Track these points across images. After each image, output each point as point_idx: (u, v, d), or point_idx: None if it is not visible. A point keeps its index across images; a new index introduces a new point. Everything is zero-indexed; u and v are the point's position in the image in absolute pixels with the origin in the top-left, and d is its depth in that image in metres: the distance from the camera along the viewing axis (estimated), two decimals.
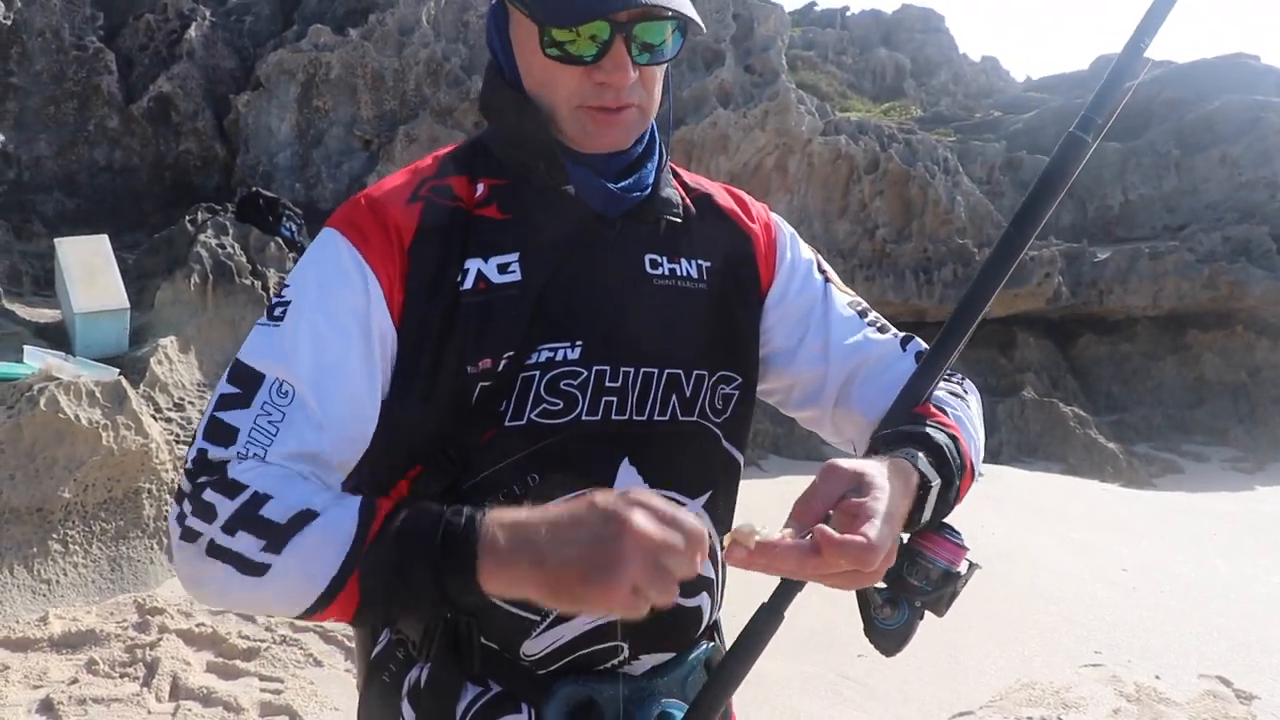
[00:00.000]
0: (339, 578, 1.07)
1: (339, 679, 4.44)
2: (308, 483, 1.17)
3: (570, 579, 0.98)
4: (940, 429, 1.28)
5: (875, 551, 1.03)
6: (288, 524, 1.09)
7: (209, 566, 1.12)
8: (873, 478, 1.11)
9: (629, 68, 1.26)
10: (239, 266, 7.01)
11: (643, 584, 0.96)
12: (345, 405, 1.23)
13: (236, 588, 1.11)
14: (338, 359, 1.23)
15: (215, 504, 1.12)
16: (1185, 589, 6.84)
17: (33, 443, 4.83)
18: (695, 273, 1.40)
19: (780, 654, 4.90)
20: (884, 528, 1.05)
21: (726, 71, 11.49)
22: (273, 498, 1.11)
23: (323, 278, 1.27)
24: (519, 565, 1.01)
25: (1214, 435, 13.85)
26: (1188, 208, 15.79)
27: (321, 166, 9.69)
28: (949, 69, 22.97)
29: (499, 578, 1.03)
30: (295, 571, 1.08)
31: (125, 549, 5.19)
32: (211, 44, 9.73)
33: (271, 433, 1.18)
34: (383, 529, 1.08)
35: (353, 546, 1.07)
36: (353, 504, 1.11)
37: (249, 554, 1.09)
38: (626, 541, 0.96)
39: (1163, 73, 17.93)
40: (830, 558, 1.03)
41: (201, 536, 1.12)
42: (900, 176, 12.99)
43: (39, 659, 4.33)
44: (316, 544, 1.08)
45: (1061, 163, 1.35)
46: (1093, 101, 1.35)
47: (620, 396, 1.32)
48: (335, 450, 1.23)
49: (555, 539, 1.00)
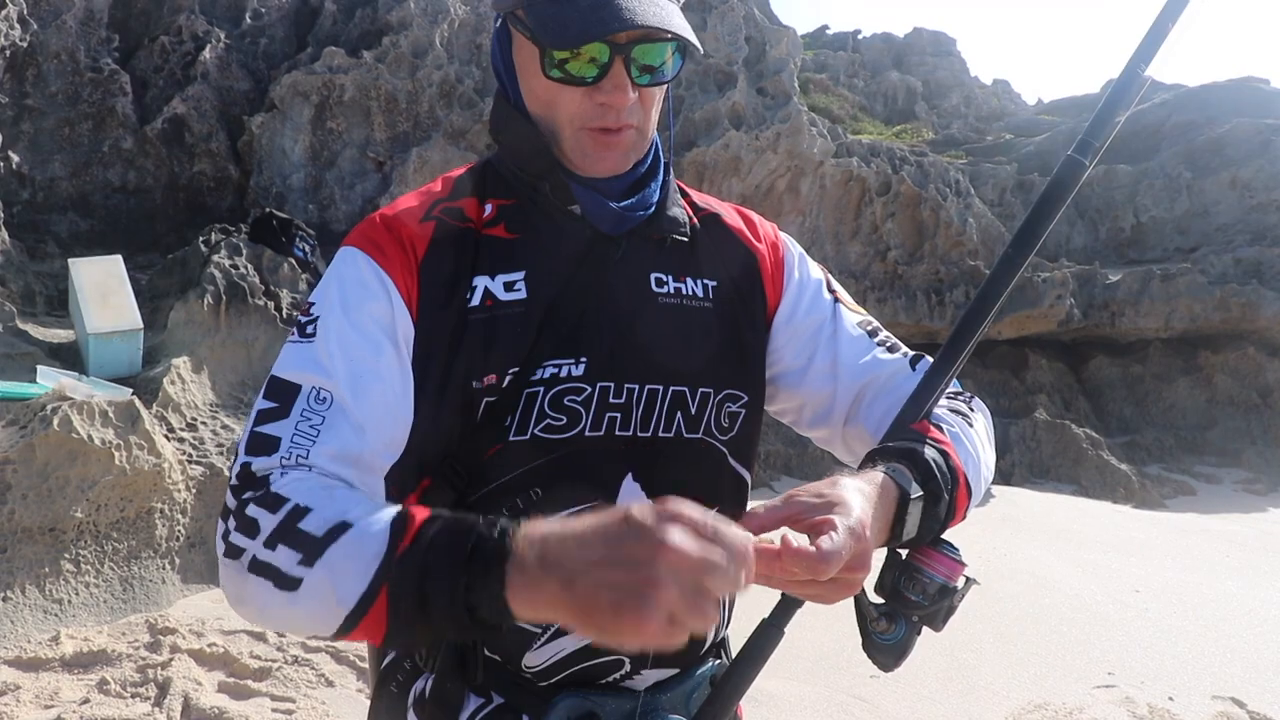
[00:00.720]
0: (369, 592, 1.03)
1: (350, 699, 4.44)
2: (350, 492, 1.16)
3: (601, 608, 0.90)
4: (932, 444, 1.29)
5: (826, 561, 1.03)
6: (324, 536, 1.07)
7: (250, 584, 1.11)
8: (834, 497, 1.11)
9: (628, 88, 1.29)
10: (252, 287, 7.05)
11: (680, 611, 0.88)
12: (381, 408, 1.25)
13: (274, 605, 1.09)
14: (369, 365, 1.25)
15: (258, 519, 1.12)
16: (1198, 610, 6.80)
17: (45, 462, 4.85)
18: (701, 291, 1.42)
19: (791, 675, 4.90)
20: (842, 539, 1.05)
21: (739, 93, 11.53)
22: (312, 510, 1.10)
23: (346, 291, 1.30)
24: (547, 587, 0.94)
25: (1226, 457, 13.78)
26: (1199, 230, 15.76)
27: (335, 188, 9.74)
28: (960, 92, 23.02)
29: (527, 599, 0.96)
30: (326, 587, 1.05)
31: (137, 569, 5.20)
32: (226, 66, 9.81)
33: (313, 436, 1.20)
34: (414, 541, 1.03)
35: (383, 559, 1.03)
36: (387, 514, 1.07)
37: (285, 568, 1.07)
38: (662, 564, 0.88)
39: (1173, 96, 17.94)
40: (788, 562, 1.03)
41: (245, 553, 1.11)
42: (912, 198, 13.00)
43: (50, 679, 4.34)
44: (348, 556, 1.05)
45: (1059, 185, 1.37)
46: (1090, 125, 1.37)
47: (624, 413, 1.34)
48: (375, 453, 1.24)
49: (586, 558, 0.92)
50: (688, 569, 0.89)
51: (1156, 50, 1.36)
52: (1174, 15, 1.36)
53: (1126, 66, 1.37)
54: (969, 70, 24.11)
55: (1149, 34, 1.37)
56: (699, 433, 1.39)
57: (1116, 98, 1.36)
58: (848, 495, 1.12)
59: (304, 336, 1.28)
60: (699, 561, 0.89)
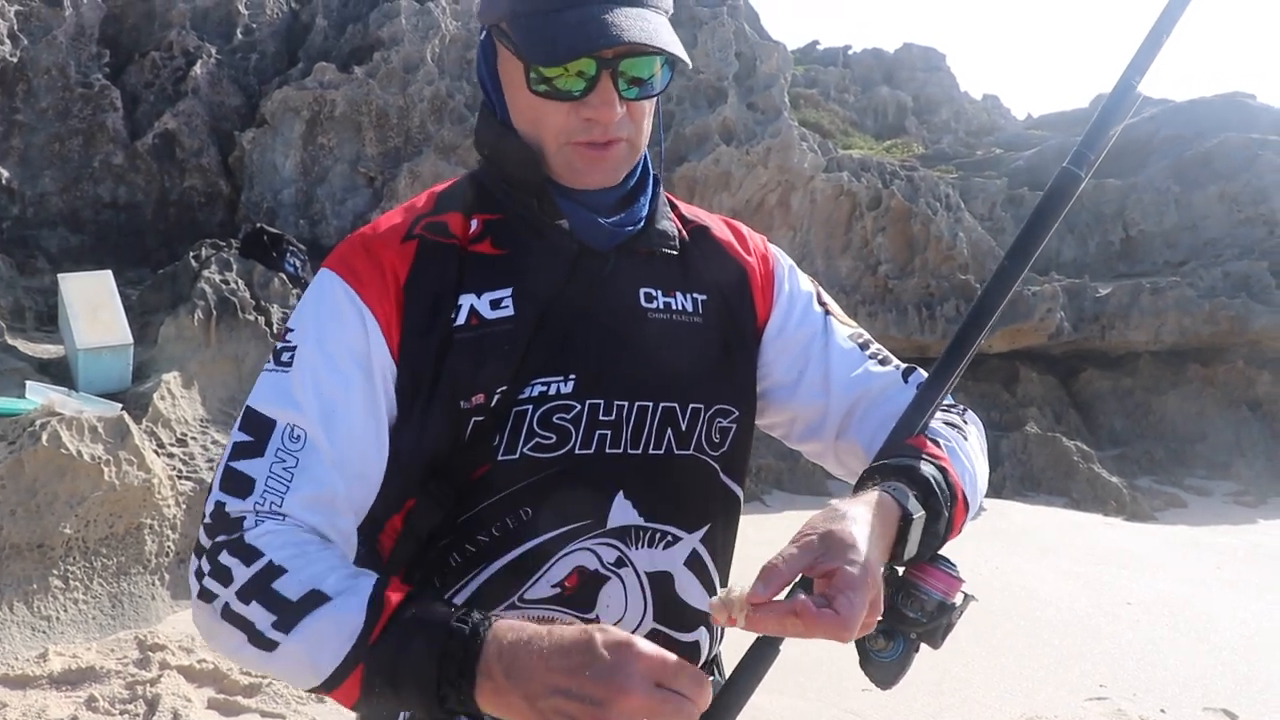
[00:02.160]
0: (341, 670, 1.08)
1: (340, 715, 4.42)
2: (323, 552, 1.18)
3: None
4: (930, 461, 1.27)
5: (849, 626, 1.04)
6: (298, 603, 1.11)
7: (223, 629, 1.14)
8: (840, 533, 1.10)
9: (615, 103, 1.27)
10: (243, 302, 7.03)
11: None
12: (353, 445, 1.25)
13: (248, 655, 1.13)
14: (342, 401, 1.24)
15: (231, 568, 1.14)
16: (1189, 622, 6.80)
17: (34, 478, 4.83)
18: (691, 306, 1.41)
19: (784, 689, 4.88)
20: (859, 596, 1.05)
21: (729, 109, 11.57)
22: (287, 571, 1.13)
23: (320, 321, 1.29)
24: (512, 699, 1.02)
25: (1216, 469, 13.80)
26: (1188, 244, 15.82)
27: (326, 203, 9.74)
28: (950, 107, 23.09)
29: (493, 704, 1.03)
30: (301, 656, 1.10)
31: (126, 585, 5.17)
32: (216, 81, 9.81)
33: (286, 479, 1.20)
34: (387, 628, 1.08)
35: (357, 641, 1.08)
36: (364, 592, 1.11)
37: (260, 627, 1.11)
38: (615, 710, 0.97)
39: (1162, 111, 18.02)
40: (808, 627, 1.04)
41: (218, 599, 1.14)
42: (902, 213, 13.04)
43: (38, 696, 4.30)
44: (323, 632, 1.10)
45: (1054, 197, 1.36)
46: (1085, 137, 1.36)
47: (614, 430, 1.33)
48: (350, 490, 1.24)
49: (547, 678, 1.00)
50: (642, 715, 0.97)
51: (1151, 62, 1.35)
52: (1168, 28, 1.36)
53: (1121, 79, 1.35)
54: (959, 85, 24.18)
55: (1143, 46, 1.36)
56: (690, 449, 1.38)
57: (1111, 110, 1.35)
58: (855, 532, 1.10)
59: (280, 365, 1.27)
60: (654, 710, 0.97)
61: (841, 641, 1.06)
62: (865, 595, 1.06)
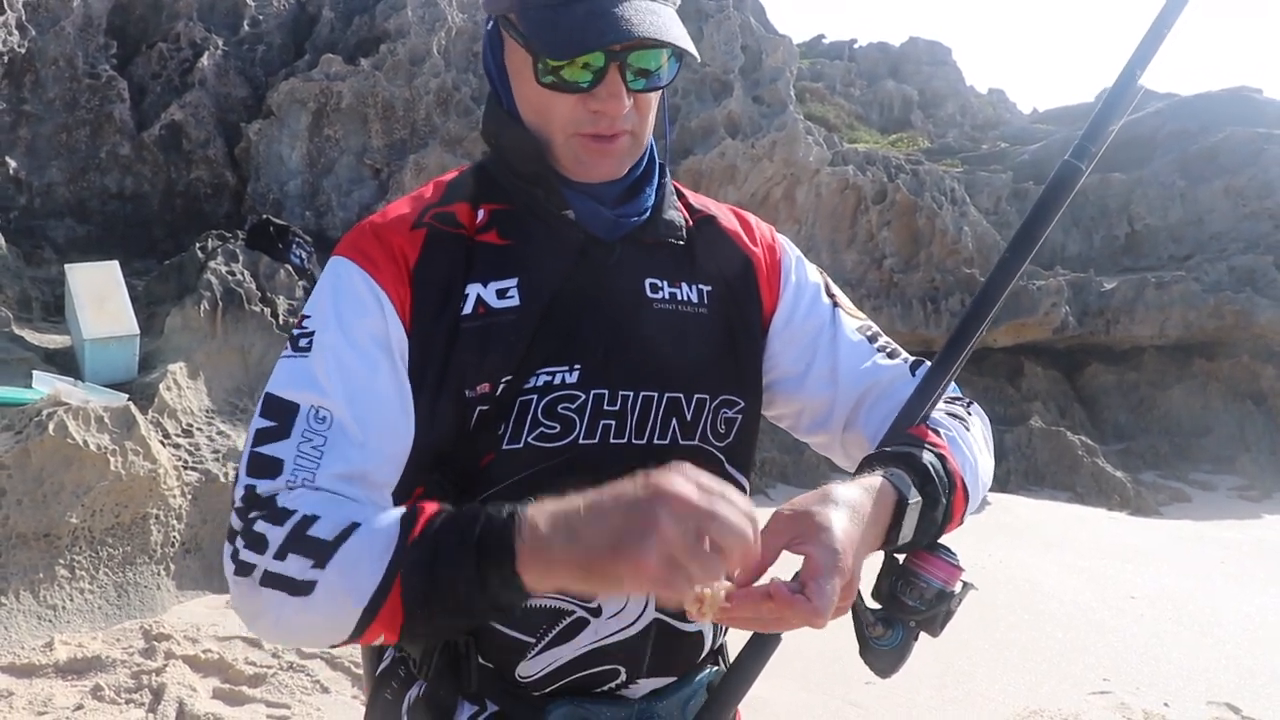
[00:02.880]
0: (383, 584, 1.06)
1: (345, 705, 4.44)
2: (358, 503, 1.17)
3: (602, 552, 0.96)
4: (929, 449, 1.27)
5: (821, 613, 1.03)
6: (334, 539, 1.09)
7: (263, 598, 1.12)
8: (817, 516, 1.09)
9: (623, 95, 1.27)
10: (249, 293, 7.04)
11: (679, 554, 0.93)
12: (381, 424, 1.24)
13: (289, 613, 1.11)
14: (366, 382, 1.24)
15: (266, 534, 1.13)
16: (1193, 616, 6.81)
17: (40, 468, 4.84)
18: (696, 296, 1.41)
19: (787, 682, 4.90)
20: (830, 581, 1.04)
21: (735, 102, 11.56)
22: (320, 517, 1.12)
23: (340, 305, 1.28)
24: (554, 546, 0.99)
25: (1221, 463, 13.80)
26: (1193, 238, 15.80)
27: (332, 195, 9.75)
28: (956, 101, 23.07)
29: (536, 564, 1.01)
30: (339, 583, 1.08)
31: (132, 575, 5.19)
32: (223, 73, 9.81)
33: (316, 458, 1.19)
34: (424, 530, 1.07)
35: (396, 548, 1.06)
36: (396, 511, 1.11)
37: (298, 575, 1.09)
38: (661, 506, 0.93)
39: (1167, 105, 17.99)
40: (781, 609, 1.03)
41: (255, 568, 1.12)
42: (908, 207, 13.02)
43: (44, 685, 4.32)
44: (359, 551, 1.08)
45: (1056, 189, 1.36)
46: (1087, 130, 1.36)
47: (619, 420, 1.33)
48: (379, 469, 1.24)
49: (591, 514, 0.98)
50: (688, 513, 0.93)
51: (1153, 55, 1.35)
52: (1169, 21, 1.36)
53: (1123, 72, 1.35)
54: (964, 79, 24.16)
55: (1145, 39, 1.36)
56: (695, 439, 1.38)
57: (1113, 103, 1.35)
58: (832, 516, 1.09)
59: (298, 351, 1.27)
60: (698, 508, 0.94)
61: (815, 628, 1.05)
62: (837, 581, 1.05)
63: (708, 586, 1.00)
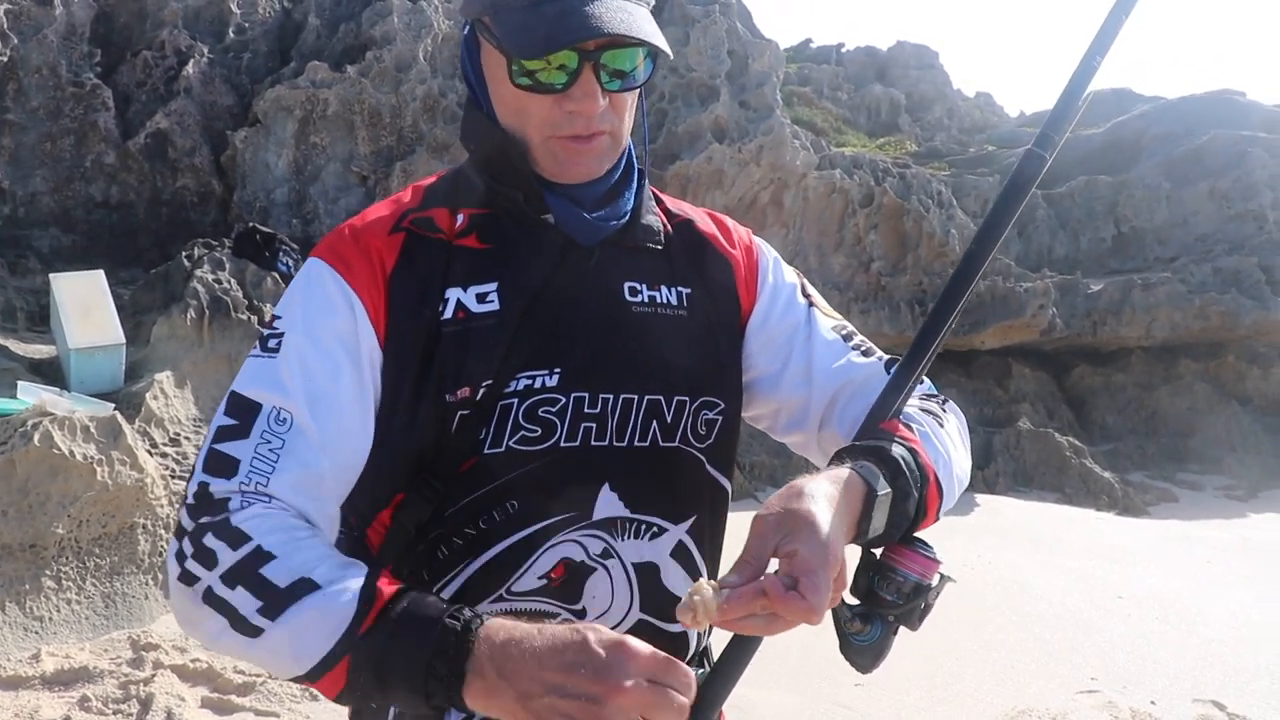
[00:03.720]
0: (328, 660, 1.07)
1: (333, 713, 4.42)
2: (312, 540, 1.17)
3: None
4: (900, 442, 1.28)
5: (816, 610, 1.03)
6: (287, 590, 1.10)
7: (204, 613, 1.13)
8: (800, 512, 1.09)
9: (598, 96, 1.28)
10: (235, 302, 7.04)
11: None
12: (339, 430, 1.25)
13: (229, 641, 1.12)
14: (329, 387, 1.25)
15: (217, 551, 1.13)
16: (1180, 615, 6.83)
17: (26, 478, 4.83)
18: (675, 299, 1.42)
19: (775, 684, 4.90)
20: (822, 576, 1.05)
21: (721, 107, 11.57)
22: (276, 557, 1.12)
23: (309, 307, 1.29)
24: (503, 698, 1.01)
25: (1207, 464, 13.84)
26: (1178, 240, 15.86)
27: (319, 202, 9.73)
28: (943, 104, 23.08)
29: (482, 701, 1.03)
30: (287, 644, 1.09)
31: (120, 585, 5.17)
32: (209, 81, 9.80)
33: (273, 460, 1.20)
34: (379, 618, 1.08)
35: (346, 632, 1.07)
36: (355, 584, 1.10)
37: (245, 613, 1.10)
38: (611, 705, 0.96)
39: (1153, 109, 18.06)
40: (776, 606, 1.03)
41: (200, 582, 1.13)
42: (895, 210, 13.04)
43: (30, 697, 4.31)
44: (311, 622, 1.08)
45: (1020, 179, 1.37)
46: (1049, 119, 1.38)
47: (599, 423, 1.33)
48: (335, 474, 1.24)
49: (540, 678, 0.99)
50: (636, 710, 0.96)
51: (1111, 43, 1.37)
52: (1127, 9, 1.37)
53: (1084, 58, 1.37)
54: (951, 83, 24.15)
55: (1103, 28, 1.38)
56: (675, 441, 1.39)
57: (1073, 91, 1.36)
58: (813, 509, 1.10)
59: (265, 351, 1.27)
60: (647, 703, 0.97)
61: (811, 624, 1.05)
62: (828, 574, 1.06)
63: (698, 594, 1.02)
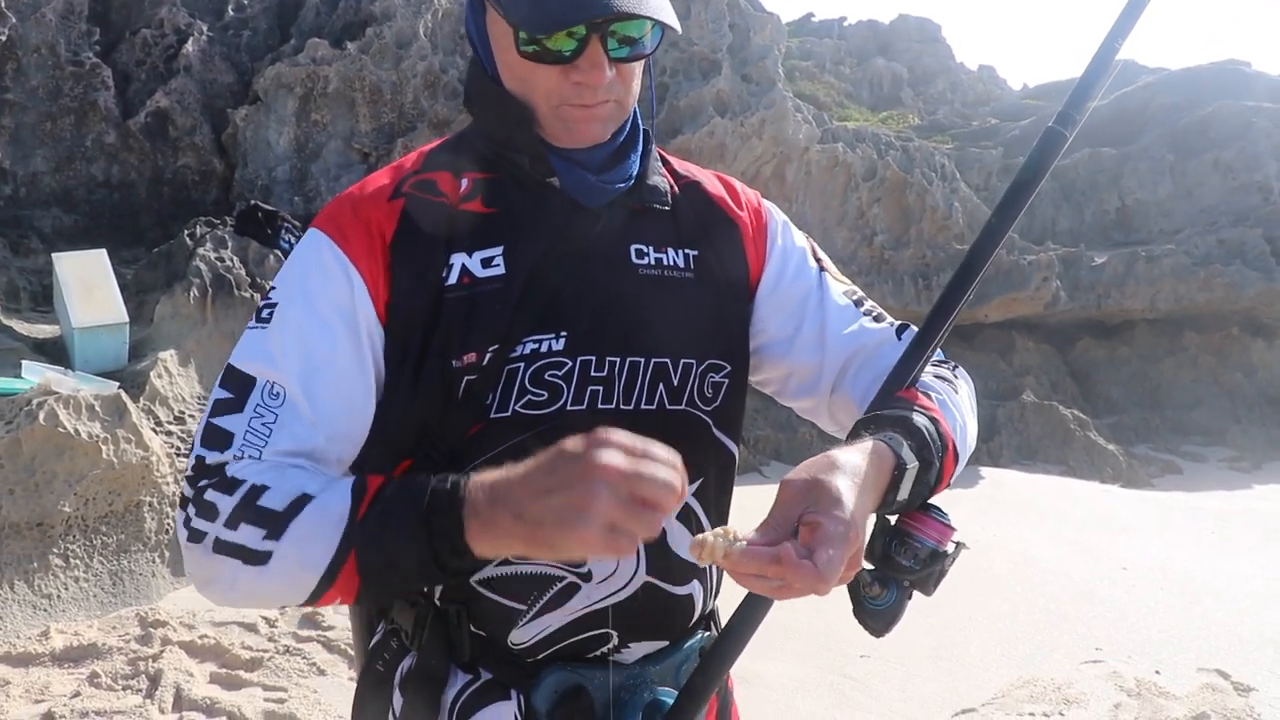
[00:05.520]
0: (337, 557, 1.10)
1: (342, 688, 4.45)
2: (304, 470, 1.19)
3: (547, 528, 1.00)
4: (922, 412, 1.28)
5: (826, 579, 1.02)
6: (285, 510, 1.12)
7: (216, 563, 1.15)
8: (829, 486, 1.08)
9: (605, 67, 1.26)
10: (238, 279, 7.03)
11: (619, 519, 0.97)
12: (337, 402, 1.25)
13: (244, 580, 1.14)
14: (325, 357, 1.25)
15: (216, 502, 1.15)
16: (1184, 585, 6.85)
17: (32, 457, 4.84)
18: (682, 262, 1.41)
19: (782, 656, 4.92)
20: (838, 551, 1.04)
21: (723, 80, 11.51)
22: (269, 487, 1.14)
23: (306, 277, 1.29)
24: (500, 521, 1.04)
25: (1211, 436, 13.86)
26: (1183, 212, 15.81)
27: (320, 180, 9.70)
28: (946, 78, 22.99)
29: (484, 537, 1.05)
30: (295, 558, 1.11)
31: (127, 562, 5.20)
32: (209, 59, 9.75)
33: (265, 434, 1.21)
34: (372, 504, 1.10)
35: (348, 525, 1.10)
36: (345, 483, 1.14)
37: (251, 544, 1.12)
38: (594, 480, 0.97)
39: (1157, 79, 17.98)
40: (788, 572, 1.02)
41: (207, 535, 1.15)
42: (898, 183, 13.00)
43: (40, 674, 4.33)
44: (313, 526, 1.11)
45: (1040, 155, 1.37)
46: (1070, 98, 1.37)
47: (606, 386, 1.33)
48: (331, 446, 1.25)
49: (529, 490, 1.01)
50: (619, 480, 0.97)
51: (1134, 25, 1.37)
52: None
53: (1105, 40, 1.37)
54: (954, 56, 24.07)
55: (1125, 10, 1.38)
56: (682, 404, 1.38)
57: (1096, 71, 1.35)
58: (841, 486, 1.09)
59: (260, 322, 1.28)
60: (628, 473, 0.98)
61: (818, 594, 1.05)
62: (846, 551, 1.05)
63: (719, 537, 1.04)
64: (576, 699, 1.34)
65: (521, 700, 1.35)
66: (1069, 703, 4.79)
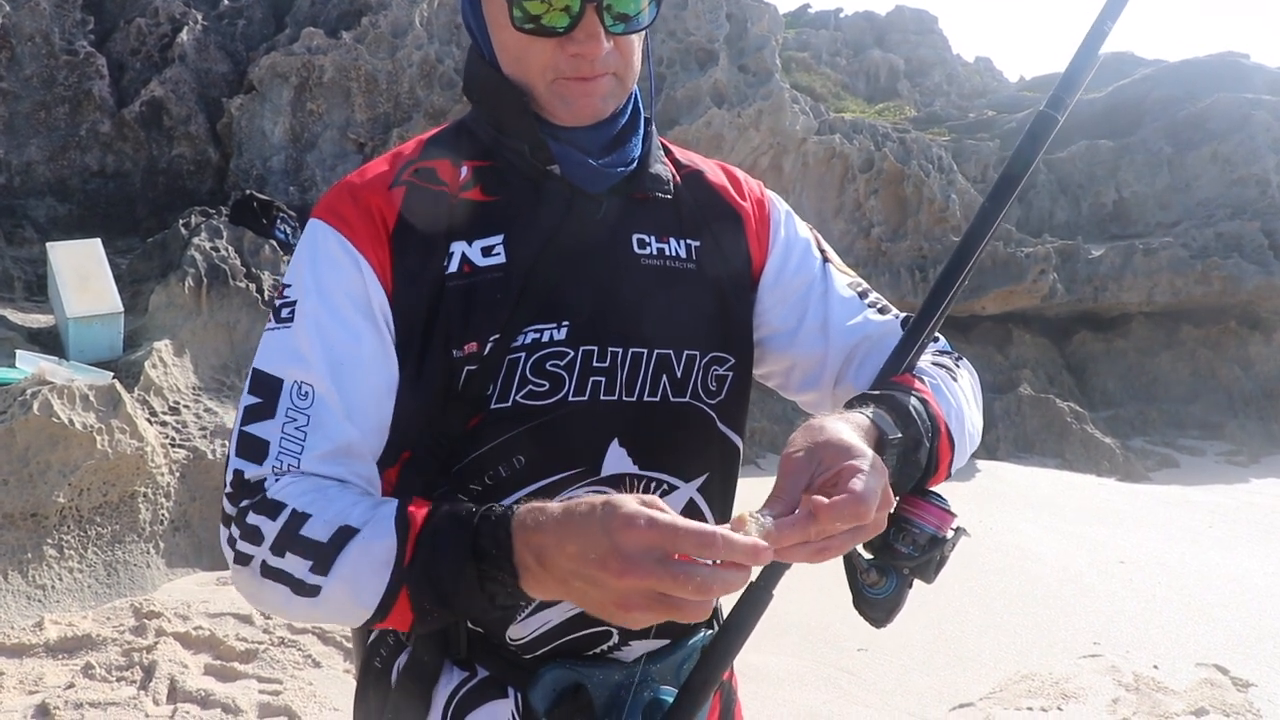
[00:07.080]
0: (388, 596, 1.08)
1: (337, 679, 4.44)
2: (342, 492, 1.18)
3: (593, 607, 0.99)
4: (912, 393, 1.25)
5: (867, 500, 0.99)
6: (329, 544, 1.11)
7: (266, 588, 1.15)
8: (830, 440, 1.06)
9: (602, 37, 1.25)
10: (233, 269, 7.00)
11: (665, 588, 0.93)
12: (365, 392, 1.24)
13: (297, 607, 1.14)
14: (348, 349, 1.23)
15: (260, 526, 1.14)
16: (1182, 580, 6.85)
17: (26, 447, 4.82)
18: (684, 252, 1.39)
19: (781, 649, 4.91)
20: (869, 477, 1.01)
21: (720, 71, 11.48)
22: (311, 515, 1.13)
23: (318, 271, 1.27)
24: (548, 584, 1.01)
25: (1209, 429, 13.87)
26: (1180, 204, 15.80)
27: (315, 169, 9.67)
28: (943, 69, 22.98)
29: (537, 589, 1.03)
30: (346, 594, 1.10)
31: (121, 553, 5.17)
32: (204, 48, 9.71)
33: (300, 439, 1.20)
34: (417, 547, 1.08)
35: (394, 566, 1.08)
36: (388, 517, 1.11)
37: (300, 575, 1.12)
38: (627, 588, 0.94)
39: (1155, 71, 17.96)
40: (827, 522, 0.98)
41: (254, 559, 1.14)
42: (895, 175, 12.99)
43: (34, 664, 4.31)
44: (359, 566, 1.09)
45: (1032, 138, 1.35)
46: (1061, 82, 1.35)
47: (608, 377, 1.31)
48: (364, 438, 1.24)
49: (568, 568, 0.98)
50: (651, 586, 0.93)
51: (1123, 7, 1.35)
52: None
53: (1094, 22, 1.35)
54: (951, 48, 24.05)
55: None
56: (685, 396, 1.36)
57: (1086, 54, 1.34)
58: (843, 434, 1.07)
59: (280, 322, 1.26)
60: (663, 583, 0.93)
61: (862, 521, 1.00)
62: (878, 478, 1.02)
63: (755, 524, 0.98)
64: (575, 697, 1.32)
65: (519, 698, 1.34)
66: (1067, 697, 4.79)
